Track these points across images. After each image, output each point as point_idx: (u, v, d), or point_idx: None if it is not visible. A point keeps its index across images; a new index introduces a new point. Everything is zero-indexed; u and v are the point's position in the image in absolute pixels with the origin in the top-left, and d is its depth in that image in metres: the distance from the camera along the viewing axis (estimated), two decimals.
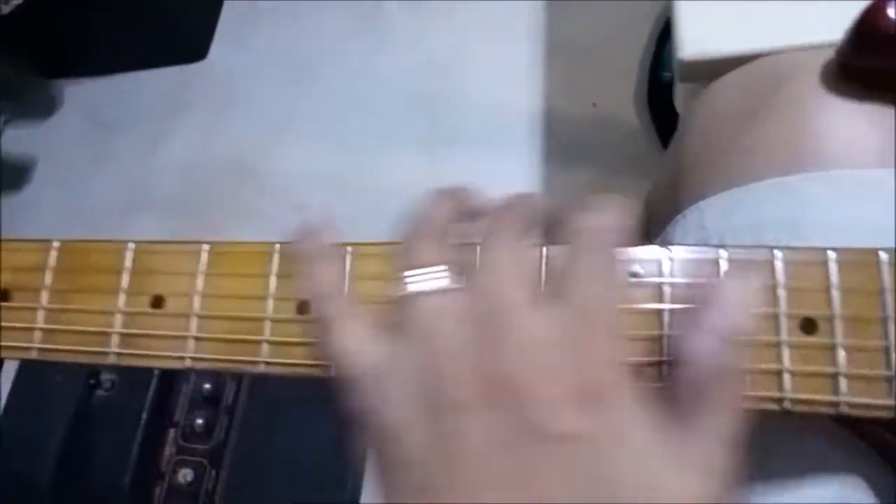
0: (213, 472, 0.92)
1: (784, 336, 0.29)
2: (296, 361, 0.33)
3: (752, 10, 0.50)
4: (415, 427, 0.24)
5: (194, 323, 0.34)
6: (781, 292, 0.29)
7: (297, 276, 0.32)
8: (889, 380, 0.28)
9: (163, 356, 0.34)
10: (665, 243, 0.31)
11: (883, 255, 0.29)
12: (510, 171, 1.19)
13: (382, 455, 0.25)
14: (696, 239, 0.41)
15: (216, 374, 0.96)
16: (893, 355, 0.28)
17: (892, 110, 0.39)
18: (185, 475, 0.91)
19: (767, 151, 0.41)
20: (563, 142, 1.20)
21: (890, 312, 0.28)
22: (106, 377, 0.93)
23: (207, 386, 0.94)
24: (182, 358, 0.34)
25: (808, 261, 0.29)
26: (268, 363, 0.33)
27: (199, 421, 0.92)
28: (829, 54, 0.41)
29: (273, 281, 0.34)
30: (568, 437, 0.23)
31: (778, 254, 0.30)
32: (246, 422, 0.94)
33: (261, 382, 0.94)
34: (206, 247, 0.35)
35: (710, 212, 0.42)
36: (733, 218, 0.40)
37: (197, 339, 0.34)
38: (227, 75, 1.45)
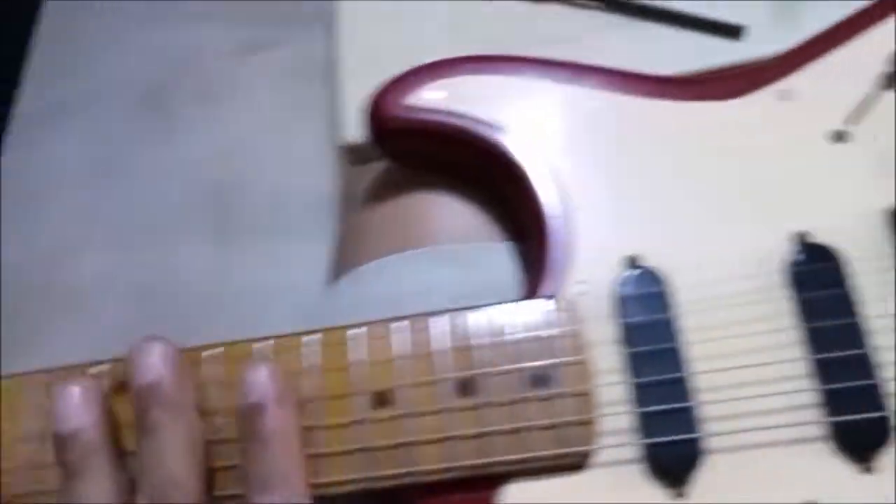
0: None
1: None
2: None
3: None
4: None
5: None
6: None
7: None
8: None
9: None
10: None
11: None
12: (308, 257, 1.16)
13: None
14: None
15: None
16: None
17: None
18: None
19: (381, 231, 0.42)
20: None
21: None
22: None
23: None
24: None
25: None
26: None
27: None
28: None
29: None
30: None
31: None
32: None
33: None
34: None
35: (343, 287, 0.43)
36: (349, 296, 0.42)
37: None
38: (16, 186, 1.38)
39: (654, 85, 0.36)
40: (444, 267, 0.38)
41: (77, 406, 0.29)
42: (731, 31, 0.53)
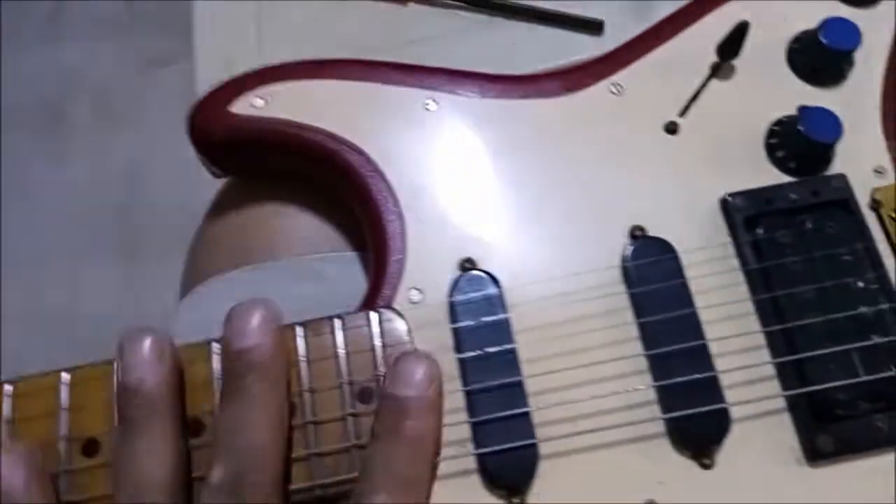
0: None
1: None
2: None
3: None
4: None
5: None
6: None
7: None
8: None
9: None
10: None
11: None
12: None
13: None
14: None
15: None
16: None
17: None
18: None
19: (225, 245, 0.40)
20: None
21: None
22: None
23: None
24: None
25: None
26: None
27: None
28: None
29: None
30: None
31: None
32: None
33: None
34: None
35: (185, 305, 0.41)
36: (190, 315, 0.40)
37: None
38: None
39: (486, 83, 0.35)
40: (289, 281, 0.37)
41: (145, 356, 0.27)
42: (592, 27, 0.53)
